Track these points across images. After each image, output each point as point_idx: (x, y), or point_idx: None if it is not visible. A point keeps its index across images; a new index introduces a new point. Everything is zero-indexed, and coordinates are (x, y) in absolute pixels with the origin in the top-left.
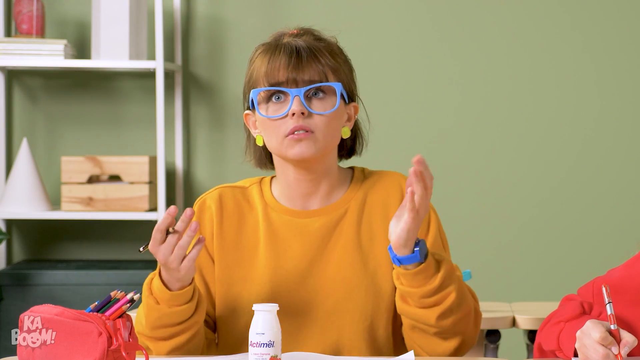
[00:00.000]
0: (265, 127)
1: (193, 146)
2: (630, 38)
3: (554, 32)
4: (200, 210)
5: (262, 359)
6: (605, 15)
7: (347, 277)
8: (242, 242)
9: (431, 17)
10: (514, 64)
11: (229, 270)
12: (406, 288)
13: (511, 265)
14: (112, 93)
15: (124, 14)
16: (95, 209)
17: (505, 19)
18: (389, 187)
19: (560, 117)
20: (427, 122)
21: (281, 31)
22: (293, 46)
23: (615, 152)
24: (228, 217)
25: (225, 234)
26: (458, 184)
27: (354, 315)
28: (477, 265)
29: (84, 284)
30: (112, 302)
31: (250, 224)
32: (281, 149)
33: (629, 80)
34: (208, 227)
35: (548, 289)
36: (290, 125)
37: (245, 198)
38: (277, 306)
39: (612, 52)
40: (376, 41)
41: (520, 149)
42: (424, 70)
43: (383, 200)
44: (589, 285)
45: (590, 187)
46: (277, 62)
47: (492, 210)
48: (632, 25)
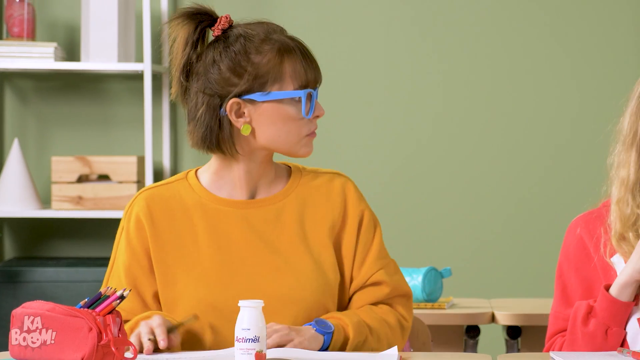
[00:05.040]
0: (283, 123)
1: (180, 146)
2: (608, 44)
3: (535, 38)
4: (128, 220)
5: (248, 354)
6: (583, 20)
7: (295, 264)
8: (178, 237)
9: (414, 20)
10: (494, 68)
11: (170, 268)
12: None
13: (490, 263)
14: (101, 94)
15: (112, 17)
16: (84, 208)
17: (487, 24)
18: (330, 183)
19: (538, 121)
20: (410, 124)
21: (267, 26)
22: (303, 46)
23: (592, 155)
24: (159, 218)
25: (160, 235)
26: (440, 185)
27: (304, 302)
28: (457, 263)
29: (74, 280)
30: (102, 299)
31: (182, 218)
32: (295, 146)
33: (605, 86)
34: (142, 240)
35: (526, 286)
36: (313, 126)
37: (172, 194)
38: (262, 302)
39: (590, 57)
40: (359, 43)
41: (499, 151)
42: (407, 73)
43: (326, 194)
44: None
45: (567, 189)
46: (302, 62)
47: (472, 210)
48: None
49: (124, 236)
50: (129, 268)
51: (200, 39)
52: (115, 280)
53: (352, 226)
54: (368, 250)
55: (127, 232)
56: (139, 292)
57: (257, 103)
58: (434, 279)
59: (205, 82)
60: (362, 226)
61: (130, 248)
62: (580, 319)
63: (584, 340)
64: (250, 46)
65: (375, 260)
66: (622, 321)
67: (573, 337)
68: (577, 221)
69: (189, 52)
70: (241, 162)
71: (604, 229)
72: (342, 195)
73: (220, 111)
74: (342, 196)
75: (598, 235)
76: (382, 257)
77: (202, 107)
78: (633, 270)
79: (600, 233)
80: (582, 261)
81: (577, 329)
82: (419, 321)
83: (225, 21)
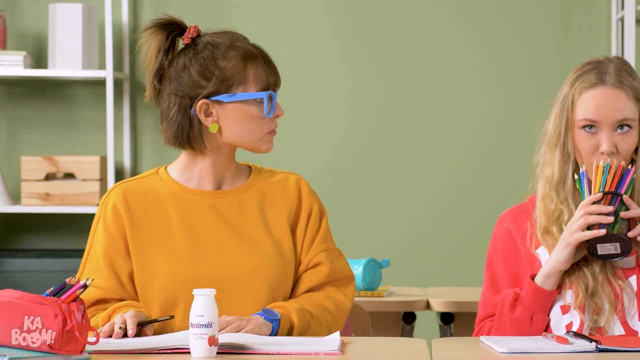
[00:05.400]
0: (247, 122)
1: (139, 147)
2: (534, 53)
3: (467, 48)
4: (104, 209)
5: (201, 338)
6: (512, 32)
7: (258, 246)
8: (152, 223)
9: (354, 31)
10: (429, 76)
11: (145, 249)
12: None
13: (425, 254)
14: (67, 99)
15: (77, 28)
16: (51, 204)
17: (423, 36)
18: (286, 180)
19: (470, 123)
20: (352, 127)
21: (232, 35)
22: (264, 53)
23: (518, 155)
24: (134, 206)
25: (135, 221)
26: (380, 182)
27: (267, 279)
28: (395, 255)
29: (42, 271)
30: (66, 288)
31: (155, 206)
32: (258, 143)
33: (531, 92)
34: (119, 226)
35: (458, 276)
36: (273, 125)
37: (145, 186)
38: (214, 291)
39: (518, 66)
40: (304, 52)
41: (433, 151)
42: (348, 82)
43: (283, 189)
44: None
45: (496, 186)
46: (264, 67)
47: (409, 206)
48: (535, 42)
49: (101, 223)
50: (106, 251)
51: (172, 46)
52: (93, 263)
53: (304, 216)
54: (314, 236)
55: (104, 220)
56: (116, 272)
57: (223, 103)
58: (373, 269)
59: (176, 85)
60: (311, 216)
61: (108, 233)
62: (508, 305)
63: (511, 326)
64: (217, 53)
65: (319, 244)
66: (546, 308)
67: (500, 322)
68: (505, 215)
69: (161, 58)
70: (208, 157)
71: (530, 222)
72: (297, 190)
73: (191, 111)
74: (296, 190)
75: (524, 228)
76: (325, 242)
77: (174, 108)
78: (556, 262)
79: (526, 226)
80: (509, 252)
81: (504, 315)
82: (360, 308)
83: (194, 31)
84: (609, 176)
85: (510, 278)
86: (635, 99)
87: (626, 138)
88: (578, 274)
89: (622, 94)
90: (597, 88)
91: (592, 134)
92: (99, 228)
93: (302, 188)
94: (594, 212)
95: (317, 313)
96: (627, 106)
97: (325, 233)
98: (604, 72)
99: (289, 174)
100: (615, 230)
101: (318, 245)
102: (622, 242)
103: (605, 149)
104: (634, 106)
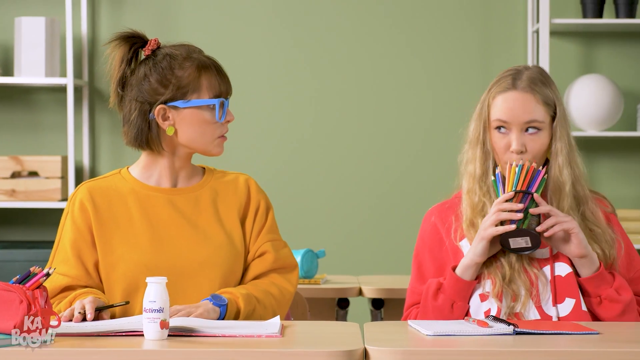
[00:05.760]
0: (200, 126)
1: (97, 148)
2: (457, 61)
3: (397, 56)
4: (72, 205)
5: (154, 322)
6: (437, 41)
7: (211, 237)
8: (115, 216)
9: (294, 43)
10: (361, 81)
11: (109, 240)
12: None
13: (358, 245)
14: (31, 104)
15: (40, 39)
16: (17, 199)
17: (356, 44)
18: (237, 179)
19: (398, 125)
20: (290, 130)
21: (188, 48)
22: (217, 64)
23: (443, 154)
24: (99, 202)
25: (100, 215)
26: (316, 179)
27: (219, 267)
28: (330, 245)
29: (8, 260)
30: (31, 276)
31: (118, 202)
32: (209, 146)
33: (454, 96)
34: (86, 220)
35: (388, 265)
36: (224, 129)
37: (108, 185)
38: (165, 279)
39: (442, 73)
40: (247, 60)
41: (365, 151)
42: (287, 88)
43: (234, 187)
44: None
45: (422, 183)
46: (216, 77)
47: (343, 201)
48: (458, 50)
49: (69, 218)
50: (74, 242)
51: (134, 57)
52: (61, 254)
53: (252, 210)
54: (261, 228)
55: (72, 215)
56: (82, 261)
57: (179, 109)
58: (310, 259)
59: (137, 92)
60: (259, 210)
61: (76, 227)
62: (431, 294)
63: (434, 313)
64: (174, 63)
65: (265, 235)
66: (466, 297)
67: (425, 309)
68: (432, 211)
69: (124, 68)
70: (166, 157)
71: (455, 217)
72: (246, 188)
73: (150, 115)
74: (246, 188)
75: (449, 222)
76: (271, 233)
77: (134, 112)
78: (473, 255)
79: (451, 221)
80: (435, 245)
81: (428, 303)
82: (298, 295)
83: (154, 43)
84: (521, 176)
85: (435, 268)
86: (545, 104)
87: (535, 139)
88: (496, 265)
89: (532, 98)
90: (509, 92)
91: (504, 134)
92: (67, 222)
93: (251, 186)
94: (505, 209)
95: (262, 298)
96: (535, 109)
97: (271, 225)
98: (517, 79)
99: (239, 174)
100: (525, 225)
101: (264, 236)
102: (532, 237)
103: (514, 148)
104: (544, 110)
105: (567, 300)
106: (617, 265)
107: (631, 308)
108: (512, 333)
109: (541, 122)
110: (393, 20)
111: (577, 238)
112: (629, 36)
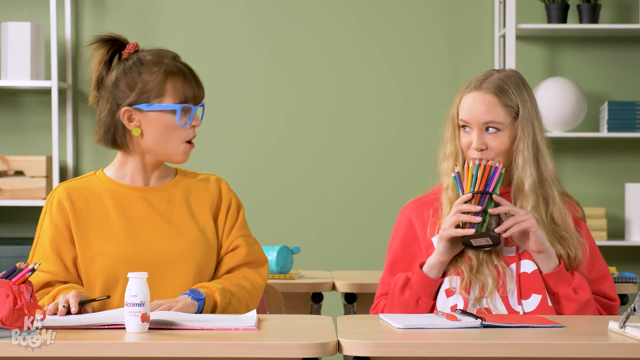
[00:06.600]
0: (164, 129)
1: (81, 148)
2: (427, 66)
3: (369, 61)
4: (50, 205)
5: (135, 316)
6: (408, 46)
7: (185, 232)
8: (92, 214)
9: (267, 45)
10: (335, 84)
11: (87, 236)
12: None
13: (332, 242)
14: (17, 106)
15: (26, 44)
16: (3, 197)
17: (329, 47)
18: (208, 179)
19: (372, 126)
20: (264, 130)
21: (163, 53)
22: (189, 69)
23: (416, 152)
24: (77, 201)
25: (78, 213)
26: (290, 178)
27: (193, 259)
28: (305, 242)
29: None
30: (17, 271)
31: (95, 200)
32: (174, 151)
33: (424, 99)
34: (64, 218)
35: (360, 261)
36: (191, 134)
37: (85, 185)
38: (146, 274)
39: (413, 76)
40: (222, 63)
41: (340, 150)
42: (261, 90)
43: (205, 186)
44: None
45: (395, 181)
46: (183, 83)
47: (317, 199)
48: (428, 55)
49: (48, 217)
50: (53, 240)
51: (112, 59)
52: (41, 251)
53: (224, 208)
54: (233, 224)
55: (50, 214)
56: (61, 258)
57: (143, 111)
58: (285, 255)
59: (109, 93)
60: (230, 208)
61: (54, 225)
62: (398, 288)
63: (400, 307)
64: (142, 68)
65: (237, 231)
66: (431, 293)
67: (391, 302)
68: (408, 205)
69: (101, 69)
70: (137, 157)
71: (434, 211)
72: (218, 187)
73: (117, 116)
74: (217, 187)
75: (425, 217)
76: (242, 229)
77: (104, 112)
78: (437, 254)
79: (427, 216)
80: (408, 238)
81: (395, 296)
82: (274, 289)
83: (132, 47)
84: (478, 174)
85: (406, 261)
86: (506, 106)
87: (495, 138)
88: (463, 259)
89: (493, 100)
90: (472, 93)
91: (468, 133)
92: (46, 221)
93: (222, 186)
94: (464, 210)
95: (236, 292)
96: (494, 110)
97: (242, 223)
98: (484, 80)
99: (210, 175)
100: (484, 228)
101: (237, 232)
102: (492, 237)
103: (474, 146)
104: (504, 112)
105: (534, 296)
106: (582, 267)
107: (588, 307)
108: (479, 326)
109: (500, 123)
110: (364, 25)
111: (534, 235)
112: (592, 41)
